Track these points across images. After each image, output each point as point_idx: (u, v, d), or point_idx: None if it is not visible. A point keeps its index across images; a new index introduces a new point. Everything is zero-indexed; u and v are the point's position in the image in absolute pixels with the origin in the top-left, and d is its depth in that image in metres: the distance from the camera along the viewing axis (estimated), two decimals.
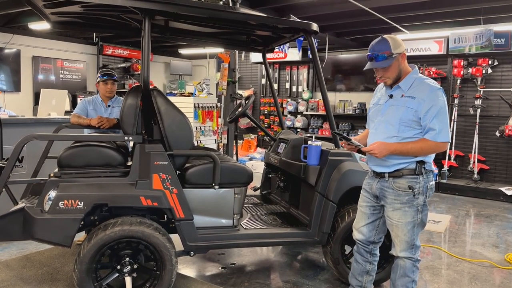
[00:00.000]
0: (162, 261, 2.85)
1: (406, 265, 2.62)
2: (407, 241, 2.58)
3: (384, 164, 2.59)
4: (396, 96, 2.59)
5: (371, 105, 2.81)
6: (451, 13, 6.33)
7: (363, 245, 2.83)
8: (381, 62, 2.52)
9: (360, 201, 2.84)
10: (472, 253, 4.40)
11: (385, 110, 2.62)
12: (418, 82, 2.54)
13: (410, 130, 2.51)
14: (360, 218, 2.81)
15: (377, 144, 2.53)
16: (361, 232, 2.80)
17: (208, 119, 7.16)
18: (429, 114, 2.43)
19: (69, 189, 2.76)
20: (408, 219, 2.55)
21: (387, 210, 2.62)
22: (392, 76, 2.57)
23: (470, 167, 7.45)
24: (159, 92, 3.16)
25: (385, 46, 2.51)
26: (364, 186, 2.82)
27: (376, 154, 2.52)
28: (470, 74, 7.39)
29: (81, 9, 3.07)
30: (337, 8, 6.05)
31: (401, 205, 2.55)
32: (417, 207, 2.55)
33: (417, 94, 2.49)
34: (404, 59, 2.58)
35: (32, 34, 8.50)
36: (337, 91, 9.42)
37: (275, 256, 4.16)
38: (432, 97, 2.44)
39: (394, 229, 2.61)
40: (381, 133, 2.60)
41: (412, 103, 2.48)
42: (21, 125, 4.52)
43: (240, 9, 3.20)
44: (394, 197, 2.57)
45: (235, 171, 3.26)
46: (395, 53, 2.51)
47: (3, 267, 3.60)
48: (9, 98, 8.17)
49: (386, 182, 2.60)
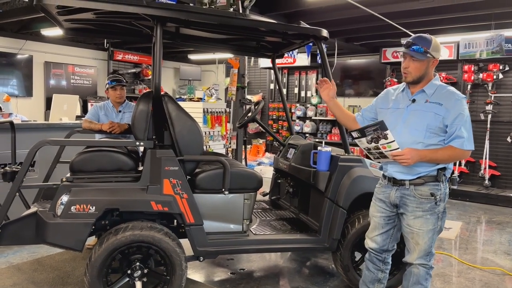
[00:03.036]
0: (172, 266, 2.86)
1: (420, 273, 2.57)
2: (425, 249, 2.52)
3: (408, 172, 2.51)
4: (420, 101, 2.52)
5: (385, 109, 2.70)
6: (461, 19, 6.31)
7: (376, 254, 2.76)
8: (414, 52, 2.46)
9: (373, 211, 2.75)
10: (483, 260, 4.35)
11: (407, 115, 2.54)
12: (441, 89, 2.50)
13: (436, 137, 2.46)
14: (374, 228, 2.73)
15: (407, 150, 2.41)
16: (375, 241, 2.73)
17: (217, 124, 7.19)
18: (457, 121, 2.40)
19: (81, 193, 2.79)
20: (429, 227, 2.50)
21: (408, 218, 2.54)
22: (415, 74, 2.50)
23: (481, 173, 7.37)
24: (170, 98, 3.19)
25: (427, 42, 2.47)
26: (377, 195, 2.72)
27: (408, 161, 2.41)
28: (480, 79, 7.33)
29: (93, 16, 3.11)
30: (347, 14, 6.06)
31: (423, 212, 2.49)
32: (438, 214, 2.51)
33: (444, 101, 2.44)
34: (434, 66, 2.53)
35: (44, 40, 8.63)
36: (346, 96, 9.40)
37: (284, 262, 4.15)
38: (459, 105, 2.42)
39: (415, 237, 2.53)
40: (405, 138, 2.48)
41: (440, 109, 2.43)
42: (33, 130, 4.58)
43: (250, 16, 3.22)
44: (416, 205, 2.50)
45: (244, 176, 3.26)
46: (431, 53, 2.46)
47: (15, 271, 3.64)
48: (21, 103, 8.28)
49: (407, 190, 2.53)
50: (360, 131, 2.47)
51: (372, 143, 2.45)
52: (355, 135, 2.52)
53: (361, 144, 2.52)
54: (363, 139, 2.47)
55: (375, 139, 2.42)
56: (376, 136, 2.40)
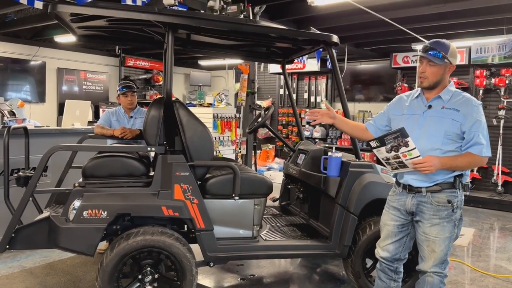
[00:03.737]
0: (182, 271, 2.87)
1: (434, 282, 2.51)
2: (441, 257, 2.48)
3: (425, 179, 2.46)
4: (436, 107, 2.50)
5: (399, 115, 2.64)
6: (473, 23, 6.26)
7: (388, 264, 2.68)
8: (432, 57, 2.43)
9: (385, 219, 2.68)
10: (497, 268, 4.28)
11: (423, 121, 2.50)
12: (457, 95, 2.48)
13: (453, 143, 2.44)
14: (387, 236, 2.66)
15: (428, 158, 2.35)
16: (387, 250, 2.66)
17: (227, 129, 7.21)
18: (474, 128, 2.38)
19: (93, 198, 2.82)
20: (446, 234, 2.46)
21: (424, 226, 2.49)
22: (431, 79, 2.47)
23: (493, 179, 7.27)
24: (181, 103, 3.21)
25: (445, 47, 2.45)
26: (391, 203, 2.66)
27: (430, 168, 2.34)
28: (493, 84, 7.26)
29: (106, 23, 3.16)
30: (357, 19, 6.05)
31: (440, 220, 2.46)
32: (455, 222, 2.49)
33: (461, 107, 2.42)
34: (450, 72, 2.51)
35: (57, 47, 8.76)
36: (356, 101, 9.36)
37: (294, 268, 4.13)
38: (477, 112, 2.40)
39: (431, 245, 2.48)
40: (423, 145, 2.41)
41: (457, 116, 2.40)
42: (46, 135, 4.64)
43: (260, 22, 3.24)
44: (433, 212, 2.47)
45: (255, 182, 3.27)
46: (448, 58, 2.44)
47: (27, 275, 3.68)
48: (34, 108, 8.40)
49: (423, 197, 2.48)
50: (379, 140, 2.39)
51: (392, 152, 2.37)
52: (374, 145, 2.42)
53: (380, 154, 2.44)
54: (382, 148, 2.39)
55: (395, 148, 2.34)
56: (397, 144, 2.33)
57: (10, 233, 2.77)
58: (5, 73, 8.09)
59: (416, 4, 5.45)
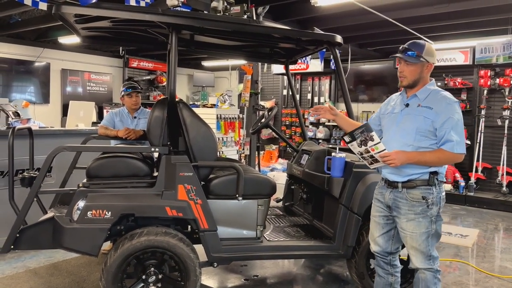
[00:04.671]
0: (186, 272, 2.87)
1: (427, 277, 2.59)
2: (423, 252, 2.56)
3: (398, 173, 2.58)
4: (412, 105, 2.61)
5: (385, 114, 2.80)
6: (477, 23, 6.23)
7: (382, 257, 2.80)
8: (407, 57, 2.56)
9: (372, 211, 2.82)
10: (502, 269, 4.26)
11: (401, 118, 2.63)
12: (434, 93, 2.58)
13: (426, 140, 2.53)
14: (375, 229, 2.79)
15: (394, 151, 2.51)
16: (377, 243, 2.77)
17: (230, 130, 7.22)
18: (446, 125, 2.46)
19: (97, 199, 2.83)
20: (422, 230, 2.54)
21: (401, 221, 2.60)
22: (409, 78, 2.59)
23: (498, 180, 7.24)
24: (185, 104, 3.21)
25: (420, 47, 2.57)
26: (376, 196, 2.80)
27: (394, 161, 2.48)
28: (497, 84, 7.22)
29: (110, 24, 3.17)
30: (360, 19, 6.04)
31: (415, 215, 2.54)
32: (431, 218, 2.55)
33: (434, 105, 2.52)
34: (429, 70, 2.61)
35: (61, 48, 8.80)
36: (360, 102, 9.35)
37: (298, 269, 4.12)
38: (449, 109, 2.48)
39: (408, 241, 2.59)
40: (397, 141, 2.59)
41: (429, 113, 2.51)
42: (51, 136, 4.65)
43: (264, 23, 3.24)
44: (408, 207, 2.56)
45: (258, 182, 3.27)
46: (424, 57, 2.55)
47: (32, 275, 3.69)
48: (38, 109, 8.44)
49: (399, 193, 2.59)
50: (350, 135, 2.55)
51: (362, 146, 2.53)
52: (347, 140, 2.58)
53: (354, 148, 2.59)
54: (354, 142, 2.54)
55: (364, 142, 2.51)
56: (364, 138, 2.50)
57: (14, 234, 2.78)
58: (10, 74, 8.14)
59: (420, 4, 5.44)
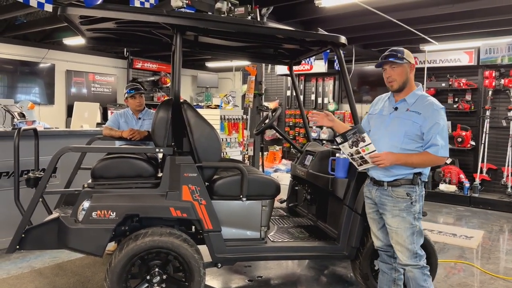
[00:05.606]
0: (190, 272, 2.88)
1: (415, 275, 2.66)
2: (409, 248, 2.64)
3: (385, 173, 2.69)
4: (401, 109, 2.71)
5: (373, 114, 2.91)
6: (482, 24, 6.20)
7: (384, 251, 2.88)
8: (393, 58, 2.66)
9: (366, 208, 2.93)
10: (507, 270, 4.23)
11: (390, 121, 2.73)
12: (422, 99, 2.68)
13: (413, 143, 2.64)
14: (372, 224, 2.90)
15: (384, 152, 2.62)
16: (378, 237, 2.87)
17: (234, 130, 7.22)
18: (433, 130, 2.57)
19: (102, 199, 2.84)
20: (406, 225, 2.65)
21: (387, 218, 2.71)
22: (399, 80, 2.67)
23: (503, 181, 7.20)
24: (189, 105, 3.23)
25: (400, 51, 2.71)
26: (365, 193, 2.92)
27: (383, 162, 2.59)
28: (502, 85, 7.18)
29: (115, 26, 3.19)
30: (364, 20, 6.03)
31: (400, 211, 2.65)
32: (414, 214, 2.66)
33: (422, 110, 2.62)
34: (412, 70, 2.72)
35: (66, 49, 8.84)
36: (364, 103, 9.31)
37: (302, 270, 4.12)
38: (436, 115, 2.59)
39: (394, 236, 2.69)
40: (385, 143, 2.68)
41: (417, 118, 2.61)
42: (56, 137, 4.69)
43: (267, 24, 3.24)
44: (393, 204, 2.67)
45: (262, 183, 3.27)
46: (406, 58, 2.67)
47: (37, 275, 3.71)
48: (43, 110, 8.48)
49: (385, 191, 2.71)
50: (342, 136, 2.66)
51: (353, 147, 2.65)
52: (339, 140, 2.69)
53: (345, 149, 2.70)
54: (346, 144, 2.65)
55: (355, 143, 2.63)
56: (356, 139, 2.62)
57: (20, 234, 2.80)
58: (15, 76, 8.18)
59: (424, 4, 5.42)
